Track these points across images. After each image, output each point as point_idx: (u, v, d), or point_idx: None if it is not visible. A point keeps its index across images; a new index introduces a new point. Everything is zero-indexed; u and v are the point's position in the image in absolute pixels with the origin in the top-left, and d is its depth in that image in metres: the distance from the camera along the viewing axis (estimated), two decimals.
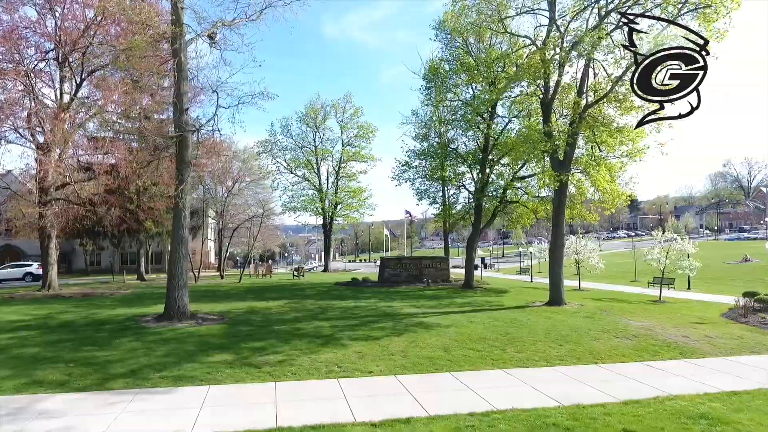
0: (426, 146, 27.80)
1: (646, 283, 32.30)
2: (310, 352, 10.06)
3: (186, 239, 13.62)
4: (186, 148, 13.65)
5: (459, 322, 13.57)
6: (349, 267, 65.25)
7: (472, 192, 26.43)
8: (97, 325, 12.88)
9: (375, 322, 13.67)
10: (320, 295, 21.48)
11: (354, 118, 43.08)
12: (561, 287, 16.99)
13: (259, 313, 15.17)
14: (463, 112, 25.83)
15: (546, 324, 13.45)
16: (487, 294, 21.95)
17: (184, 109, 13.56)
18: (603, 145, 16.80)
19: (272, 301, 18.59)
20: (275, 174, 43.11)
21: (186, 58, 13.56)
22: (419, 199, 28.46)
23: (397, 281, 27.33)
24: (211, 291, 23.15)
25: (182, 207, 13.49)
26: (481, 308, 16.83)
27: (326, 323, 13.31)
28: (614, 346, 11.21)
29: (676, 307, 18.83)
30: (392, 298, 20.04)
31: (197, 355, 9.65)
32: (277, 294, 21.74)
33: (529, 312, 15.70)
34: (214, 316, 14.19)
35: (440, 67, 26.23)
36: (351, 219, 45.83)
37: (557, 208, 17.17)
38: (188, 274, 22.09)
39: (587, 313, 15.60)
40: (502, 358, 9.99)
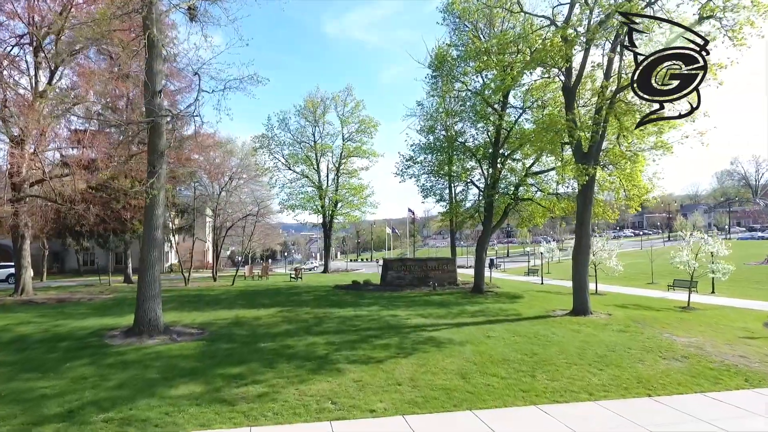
0: (432, 140, 25.90)
1: (666, 287, 30.40)
2: (299, 380, 8.23)
3: (159, 241, 11.80)
4: (159, 137, 11.82)
5: (475, 338, 11.73)
6: (351, 267, 63.45)
7: (482, 189, 24.55)
8: (54, 342, 11.08)
9: (377, 336, 11.84)
10: (317, 301, 19.66)
11: (355, 112, 41.10)
12: (586, 294, 15.13)
13: (245, 325, 13.35)
14: (472, 103, 23.92)
15: (576, 340, 11.59)
16: (499, 300, 20.10)
17: (156, 91, 11.73)
18: (631, 135, 14.90)
19: (263, 309, 16.78)
20: (273, 170, 41.25)
21: (160, 32, 11.71)
22: (425, 196, 26.59)
23: (400, 284, 25.50)
24: (198, 296, 21.34)
25: (154, 204, 11.67)
26: (496, 318, 14.98)
27: (321, 339, 11.48)
28: (664, 370, 9.35)
29: (710, 315, 16.97)
30: (396, 304, 18.22)
31: (159, 386, 7.82)
32: (270, 300, 19.92)
33: (552, 324, 13.84)
34: (193, 330, 12.37)
35: (447, 54, 24.31)
36: (352, 218, 43.86)
37: (582, 206, 15.30)
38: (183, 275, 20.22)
39: (619, 325, 13.73)
40: (533, 388, 8.13)
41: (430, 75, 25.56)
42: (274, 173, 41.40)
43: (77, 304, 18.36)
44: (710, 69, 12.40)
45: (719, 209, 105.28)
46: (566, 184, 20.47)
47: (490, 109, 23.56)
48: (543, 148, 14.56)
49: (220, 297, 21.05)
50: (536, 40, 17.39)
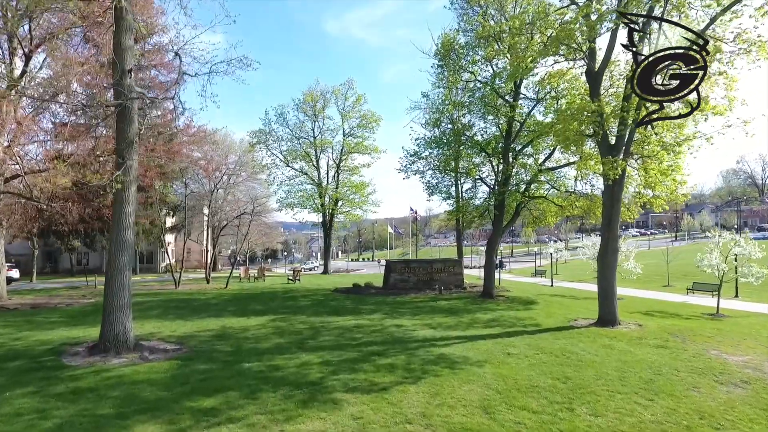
0: (438, 133, 24.28)
1: (685, 290, 28.78)
2: (285, 417, 6.65)
3: (129, 243, 10.22)
4: (129, 122, 10.24)
5: (493, 355, 10.14)
6: (352, 266, 61.94)
7: (491, 186, 22.95)
8: (4, 361, 9.51)
9: (381, 353, 10.26)
10: (315, 307, 18.09)
11: (356, 106, 39.35)
12: (615, 303, 13.53)
13: (231, 338, 11.78)
14: (481, 93, 22.29)
15: (613, 359, 9.99)
16: (512, 306, 18.50)
17: (126, 70, 10.14)
18: (665, 126, 13.28)
19: (254, 317, 15.21)
20: (270, 167, 39.62)
21: (128, 1, 10.12)
22: (430, 193, 24.96)
23: (404, 287, 23.93)
24: (186, 301, 19.78)
25: (123, 201, 10.10)
26: (513, 329, 13.38)
27: (315, 357, 9.90)
28: (726, 400, 7.75)
29: (746, 324, 15.39)
30: (400, 311, 16.65)
31: (109, 428, 6.25)
32: (263, 305, 18.36)
33: (578, 337, 12.23)
34: (169, 345, 10.81)
35: (455, 41, 22.72)
36: (353, 216, 42.18)
37: (609, 204, 13.70)
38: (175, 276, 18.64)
39: (655, 338, 12.12)
40: (575, 428, 6.54)
41: (436, 65, 23.97)
42: (272, 170, 39.82)
43: (52, 311, 16.81)
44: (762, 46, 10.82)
45: (726, 208, 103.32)
46: (585, 181, 18.88)
47: (501, 100, 21.96)
48: (568, 138, 12.93)
49: (210, 302, 19.49)
50: (554, 23, 15.78)
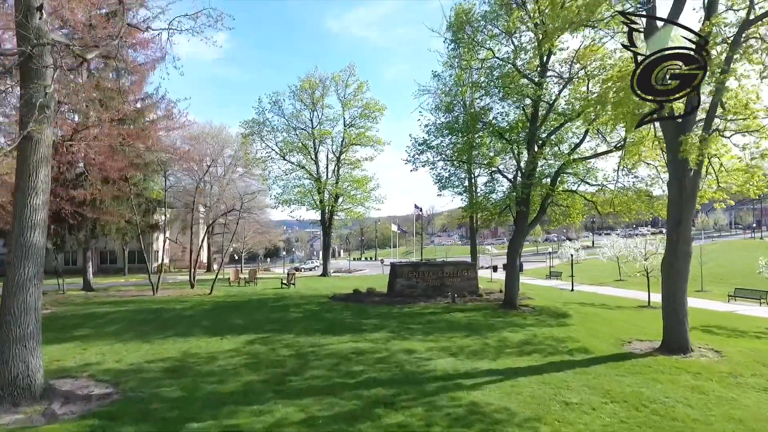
0: (450, 119, 21.26)
1: (726, 297, 25.77)
2: None
3: (36, 248, 7.31)
4: (39, 78, 7.33)
5: (546, 406, 7.20)
6: (353, 266, 59.02)
7: (512, 180, 19.93)
8: None
9: (389, 403, 7.33)
10: (306, 321, 15.19)
11: (358, 94, 36.18)
12: (686, 323, 10.54)
13: (187, 374, 8.87)
14: (500, 73, 19.25)
15: (719, 414, 7.02)
16: (542, 320, 15.53)
17: (32, 7, 7.24)
18: None
19: (229, 337, 12.31)
20: (265, 160, 36.63)
21: None
22: (441, 187, 21.90)
23: (411, 294, 21.01)
24: (156, 312, 16.85)
25: (28, 190, 7.20)
26: (556, 356, 10.43)
27: (295, 411, 6.97)
28: None
29: None
30: (410, 328, 13.73)
31: None
32: (245, 319, 15.46)
33: (647, 371, 9.25)
34: (98, 388, 7.91)
35: (470, 13, 19.72)
36: (354, 214, 39.10)
37: (678, 197, 10.70)
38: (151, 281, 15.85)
39: (752, 373, 9.13)
40: None
41: (449, 40, 20.92)
42: (267, 163, 36.83)
43: None
44: None
45: (741, 206, 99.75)
46: (626, 172, 15.89)
47: (525, 80, 18.98)
48: (626, 113, 9.98)
49: (184, 314, 16.57)
50: None
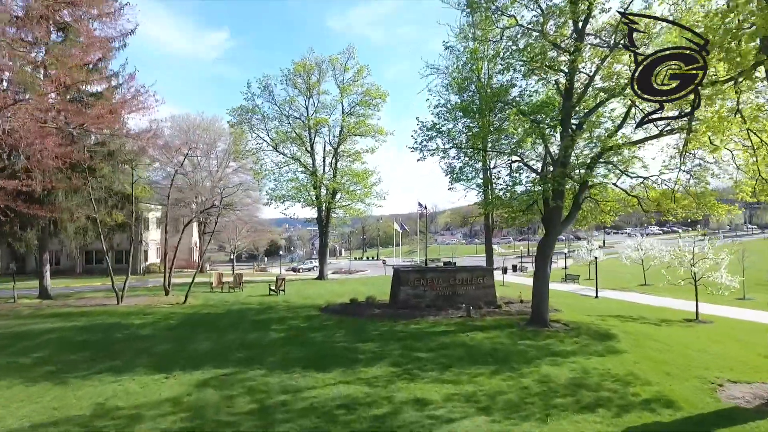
0: (466, 97, 18.03)
1: None
2: None
3: None
4: None
5: None
6: (354, 267, 55.95)
7: (538, 171, 16.68)
8: None
9: None
10: (287, 345, 12.03)
11: (358, 79, 32.76)
12: None
13: None
14: (525, 42, 16.01)
15: None
16: (583, 344, 12.31)
17: None
18: None
19: (178, 375, 9.18)
20: (257, 152, 33.46)
21: None
22: (454, 180, 18.67)
23: (418, 306, 17.86)
24: (105, 332, 13.69)
25: None
26: (629, 413, 7.28)
27: None
28: None
29: None
30: (419, 359, 10.58)
31: None
32: (213, 342, 12.32)
33: None
34: None
35: None
36: (353, 211, 35.82)
37: None
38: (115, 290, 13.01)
39: None
40: None
41: (464, 4, 17.67)
42: (258, 155, 33.63)
43: None
44: None
45: (759, 204, 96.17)
46: (703, 158, 12.64)
47: (554, 52, 15.80)
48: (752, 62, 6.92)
49: (138, 333, 13.41)
50: None
